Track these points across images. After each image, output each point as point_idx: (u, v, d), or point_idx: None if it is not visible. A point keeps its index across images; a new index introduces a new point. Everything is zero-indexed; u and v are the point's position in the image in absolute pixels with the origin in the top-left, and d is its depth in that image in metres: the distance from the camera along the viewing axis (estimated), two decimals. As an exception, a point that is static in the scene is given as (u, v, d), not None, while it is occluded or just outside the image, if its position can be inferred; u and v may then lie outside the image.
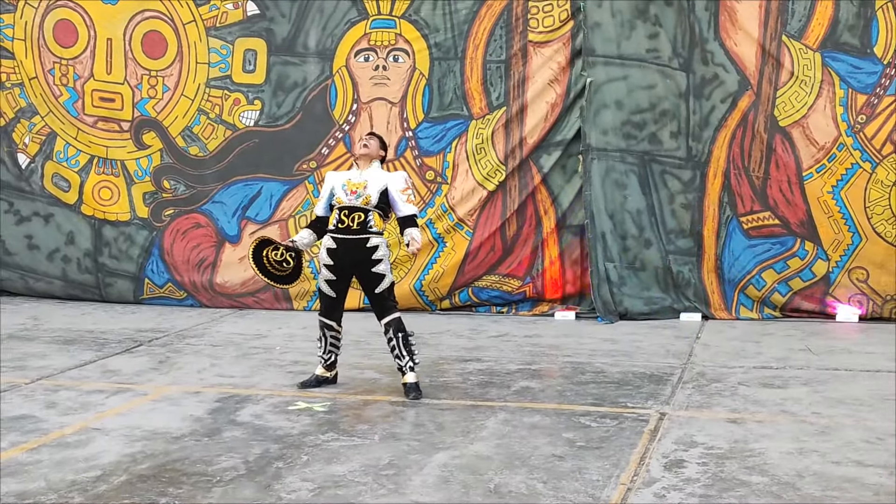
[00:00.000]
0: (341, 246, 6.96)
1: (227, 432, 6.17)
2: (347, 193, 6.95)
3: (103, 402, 6.88)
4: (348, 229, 6.94)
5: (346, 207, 6.95)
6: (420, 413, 6.56)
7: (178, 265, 10.53)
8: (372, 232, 6.95)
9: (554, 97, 9.80)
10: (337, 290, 7.11)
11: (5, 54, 10.71)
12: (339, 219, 6.97)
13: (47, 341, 8.89)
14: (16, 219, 10.92)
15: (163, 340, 8.92)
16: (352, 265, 7.01)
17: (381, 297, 7.04)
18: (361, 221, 6.93)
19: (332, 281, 7.07)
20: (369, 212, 6.93)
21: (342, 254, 6.97)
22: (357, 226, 6.92)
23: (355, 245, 6.94)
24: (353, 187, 6.95)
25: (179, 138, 10.45)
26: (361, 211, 6.93)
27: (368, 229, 6.94)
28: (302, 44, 10.16)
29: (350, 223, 6.93)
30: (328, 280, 7.07)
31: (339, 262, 6.99)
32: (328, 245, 7.01)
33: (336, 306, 7.16)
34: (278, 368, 7.83)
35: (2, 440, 6.02)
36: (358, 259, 6.97)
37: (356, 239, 6.94)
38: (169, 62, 10.39)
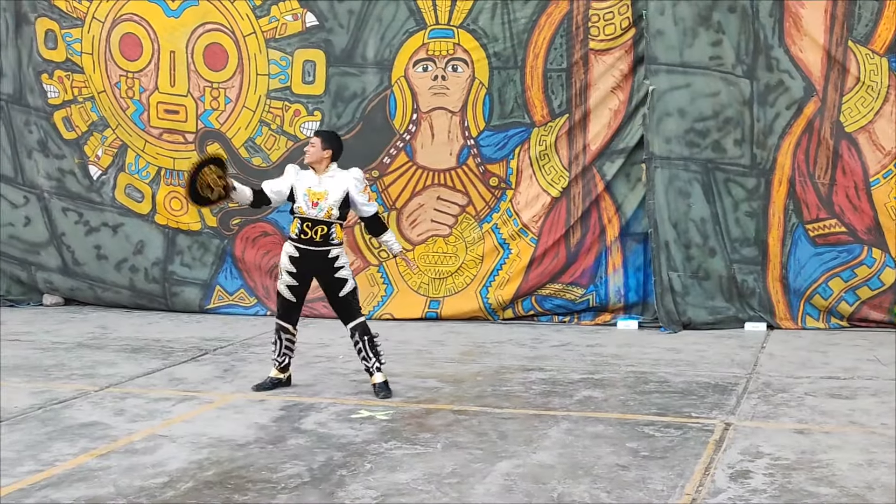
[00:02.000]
0: (303, 255, 7.22)
1: (292, 440, 6.22)
2: (309, 205, 7.15)
3: (170, 410, 6.99)
4: (311, 241, 7.19)
5: (309, 220, 7.17)
6: (482, 422, 6.56)
7: (252, 271, 10.67)
8: (333, 244, 7.21)
9: (616, 104, 9.76)
10: (297, 294, 7.34)
11: (76, 69, 10.90)
12: (301, 229, 7.20)
13: (115, 349, 9.04)
14: (85, 229, 11.11)
15: (228, 349, 9.03)
16: (314, 272, 7.29)
17: (345, 302, 7.30)
18: (324, 234, 7.18)
19: (293, 286, 7.29)
20: (332, 224, 7.18)
21: (304, 262, 7.23)
22: (320, 238, 7.19)
23: (317, 255, 7.21)
24: (315, 198, 7.16)
25: (242, 149, 10.56)
26: (324, 224, 7.16)
27: (331, 241, 7.20)
28: (360, 54, 10.21)
29: (313, 235, 7.18)
30: (289, 285, 7.29)
31: (301, 270, 7.25)
32: (290, 252, 7.25)
33: (294, 310, 7.40)
34: (341, 377, 7.88)
35: (72, 446, 6.14)
36: (320, 267, 7.25)
37: (318, 251, 7.20)
38: (230, 74, 10.49)
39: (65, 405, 7.12)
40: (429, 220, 10.19)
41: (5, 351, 8.99)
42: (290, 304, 7.36)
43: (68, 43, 10.88)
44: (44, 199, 11.17)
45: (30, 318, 10.65)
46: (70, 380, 7.87)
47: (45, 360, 8.57)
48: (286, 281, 7.28)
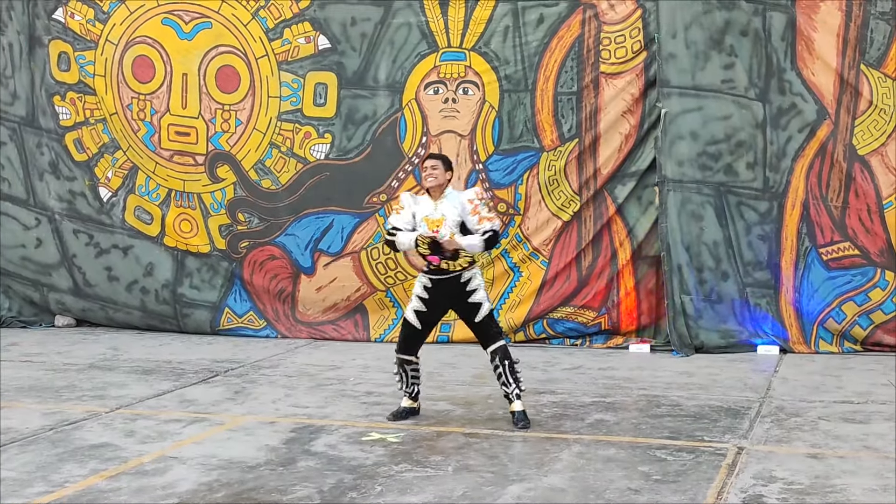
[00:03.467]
0: (436, 285, 6.98)
1: (302, 462, 6.20)
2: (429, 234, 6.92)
3: (180, 431, 6.98)
4: (439, 269, 6.94)
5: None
6: (493, 445, 6.54)
7: (261, 294, 10.64)
8: (462, 268, 6.94)
9: (627, 128, 9.74)
10: (424, 322, 7.09)
11: (88, 91, 10.94)
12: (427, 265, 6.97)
13: (126, 371, 9.04)
14: (96, 251, 11.12)
15: (238, 371, 9.01)
16: (448, 299, 7.03)
17: (483, 325, 7.01)
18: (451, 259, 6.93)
19: (421, 312, 7.04)
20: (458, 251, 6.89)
21: (437, 290, 6.98)
22: (446, 265, 6.93)
23: (449, 282, 6.96)
24: (433, 226, 6.89)
25: (252, 171, 10.55)
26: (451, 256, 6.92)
27: (458, 267, 6.93)
28: (372, 77, 10.21)
29: (440, 263, 6.92)
30: (418, 311, 7.04)
31: (433, 297, 7.01)
32: (424, 283, 7.02)
33: (418, 339, 7.13)
34: (352, 399, 7.86)
35: (82, 468, 6.13)
36: (454, 293, 6.98)
37: (448, 279, 6.95)
38: (242, 96, 10.50)
39: (75, 426, 7.12)
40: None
41: (17, 372, 9.01)
42: (414, 331, 7.07)
43: (81, 65, 10.92)
44: (55, 220, 11.19)
45: (42, 340, 10.67)
46: (81, 401, 7.87)
47: (56, 382, 8.58)
48: (415, 307, 7.03)
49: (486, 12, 9.88)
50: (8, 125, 11.25)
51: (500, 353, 6.97)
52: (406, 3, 10.03)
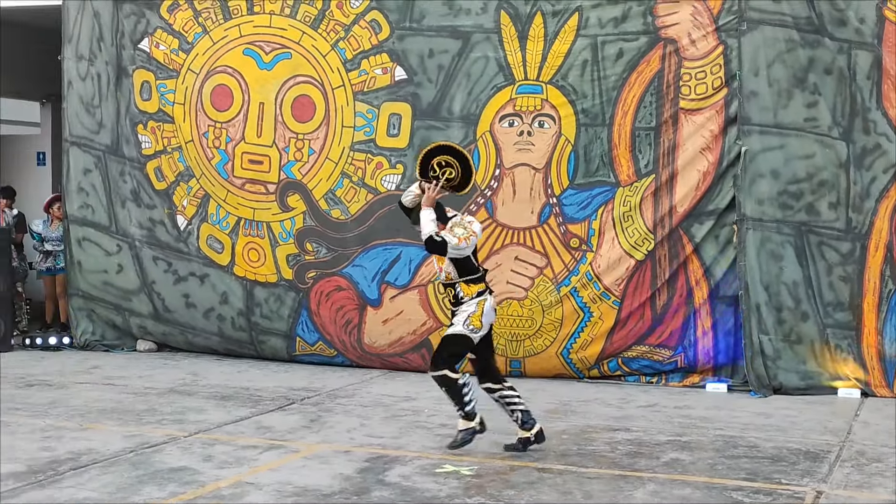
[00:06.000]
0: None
1: (376, 492, 6.21)
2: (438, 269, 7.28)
3: (257, 458, 7.03)
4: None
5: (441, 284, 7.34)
6: (567, 480, 6.49)
7: (327, 325, 10.64)
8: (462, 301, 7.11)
9: (706, 165, 9.63)
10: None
11: (167, 119, 11.11)
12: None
13: (205, 396, 9.15)
14: (174, 278, 11.27)
15: (314, 399, 9.07)
16: None
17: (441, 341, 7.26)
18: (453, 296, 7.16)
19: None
20: (455, 285, 7.12)
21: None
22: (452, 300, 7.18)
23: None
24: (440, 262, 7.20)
25: (322, 201, 10.57)
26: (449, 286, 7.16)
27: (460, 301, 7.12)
28: (447, 108, 10.20)
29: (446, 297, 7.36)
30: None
31: None
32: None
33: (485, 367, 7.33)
34: (426, 431, 7.86)
35: (161, 490, 6.21)
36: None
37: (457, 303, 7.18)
38: (316, 126, 10.54)
39: (155, 449, 7.22)
40: (505, 281, 9.98)
41: (100, 394, 9.18)
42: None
43: (162, 93, 11.11)
44: (135, 247, 11.36)
45: (124, 364, 10.85)
46: (161, 425, 7.99)
47: (137, 405, 8.72)
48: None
49: (565, 46, 9.86)
50: (94, 153, 11.49)
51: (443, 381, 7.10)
52: (484, 36, 10.06)
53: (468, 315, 7.03)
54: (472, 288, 7.09)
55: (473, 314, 7.04)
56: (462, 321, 7.04)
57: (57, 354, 11.36)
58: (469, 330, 7.04)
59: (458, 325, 7.05)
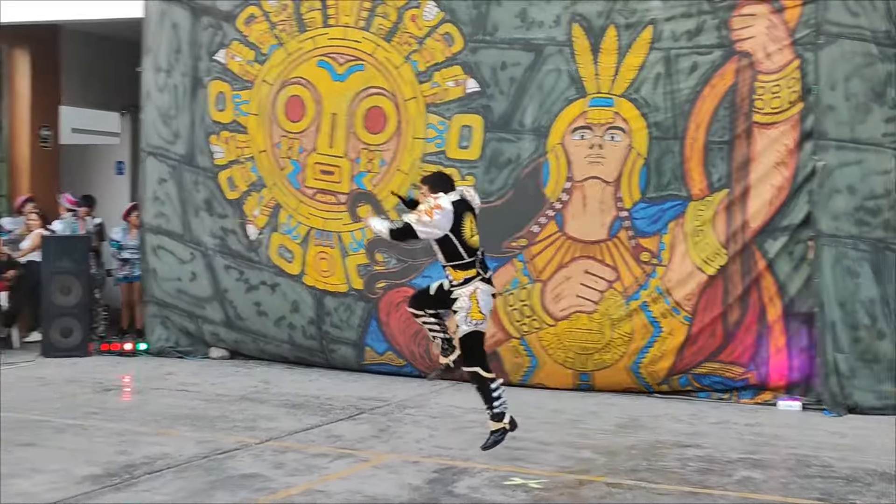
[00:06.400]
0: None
1: (445, 503, 6.21)
2: None
3: (327, 466, 7.09)
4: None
5: None
6: (637, 496, 6.45)
7: (396, 335, 10.68)
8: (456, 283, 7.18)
9: (780, 180, 9.49)
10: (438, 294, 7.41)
11: (240, 129, 11.26)
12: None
13: (276, 404, 9.24)
14: (245, 286, 11.41)
15: (384, 409, 9.11)
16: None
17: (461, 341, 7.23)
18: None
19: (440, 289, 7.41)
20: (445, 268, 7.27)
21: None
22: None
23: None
24: None
25: (392, 212, 10.58)
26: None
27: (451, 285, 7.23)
28: (518, 121, 10.19)
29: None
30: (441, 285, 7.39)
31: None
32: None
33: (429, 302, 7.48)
34: (495, 443, 7.85)
35: (233, 496, 6.29)
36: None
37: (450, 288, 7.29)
38: (387, 137, 10.61)
39: (227, 456, 7.31)
40: (574, 294, 9.94)
41: (174, 400, 9.33)
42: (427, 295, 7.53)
43: (236, 104, 11.27)
44: (208, 256, 11.52)
45: (197, 370, 11.00)
46: (233, 431, 8.09)
47: (210, 412, 8.84)
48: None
49: (638, 59, 9.80)
50: (169, 163, 11.70)
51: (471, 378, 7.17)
52: (557, 49, 10.04)
53: (466, 312, 7.05)
54: (460, 273, 7.13)
55: (470, 310, 7.05)
56: (464, 320, 7.06)
57: (132, 360, 11.57)
58: (474, 325, 7.08)
59: (462, 326, 7.07)
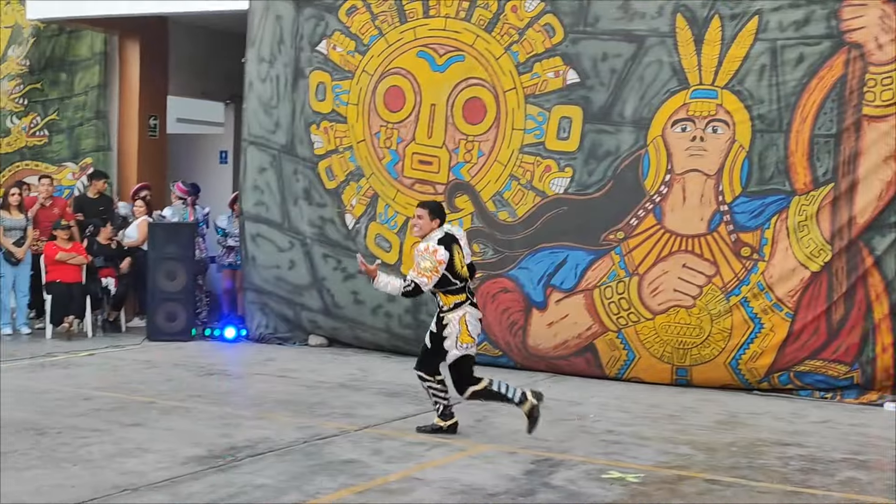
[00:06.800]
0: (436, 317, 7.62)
1: (542, 495, 6.22)
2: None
3: (423, 454, 7.15)
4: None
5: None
6: (737, 493, 6.36)
7: (493, 326, 10.66)
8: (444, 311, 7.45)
9: (889, 175, 9.23)
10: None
11: (339, 119, 11.39)
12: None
13: (374, 392, 9.35)
14: (343, 275, 11.54)
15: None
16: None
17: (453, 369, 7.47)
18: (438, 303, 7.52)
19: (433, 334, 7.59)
20: (435, 294, 7.46)
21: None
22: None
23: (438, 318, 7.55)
24: None
25: (490, 203, 10.62)
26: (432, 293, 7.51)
27: (441, 309, 7.47)
28: (618, 112, 10.08)
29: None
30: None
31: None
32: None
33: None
34: (591, 436, 7.82)
35: (333, 481, 6.38)
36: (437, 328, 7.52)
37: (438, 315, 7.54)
38: (486, 128, 10.60)
39: (327, 441, 7.42)
40: (671, 288, 9.82)
41: (274, 386, 9.50)
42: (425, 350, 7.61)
43: (336, 94, 11.40)
44: (306, 244, 11.68)
45: (296, 357, 11.18)
46: (332, 418, 8.20)
47: (309, 398, 8.97)
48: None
49: (743, 50, 9.63)
50: (269, 152, 11.89)
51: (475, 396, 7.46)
52: (659, 40, 9.93)
53: (456, 337, 7.37)
54: (450, 298, 7.42)
55: (459, 334, 7.37)
56: (454, 345, 7.37)
57: (233, 347, 11.80)
58: (464, 349, 7.41)
59: (452, 350, 7.38)
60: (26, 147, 14.86)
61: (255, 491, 6.12)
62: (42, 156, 14.79)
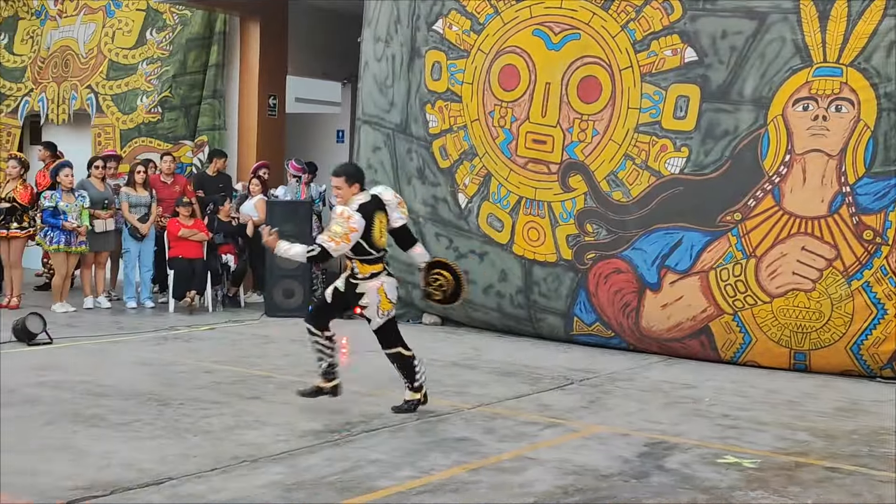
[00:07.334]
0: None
1: (655, 477, 6.18)
2: None
3: (537, 434, 7.16)
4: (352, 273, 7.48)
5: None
6: (857, 482, 6.21)
7: (605, 307, 10.61)
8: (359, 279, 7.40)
9: None
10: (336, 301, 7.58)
11: (454, 98, 11.40)
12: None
13: (486, 371, 9.38)
14: (455, 254, 11.54)
15: (593, 381, 9.09)
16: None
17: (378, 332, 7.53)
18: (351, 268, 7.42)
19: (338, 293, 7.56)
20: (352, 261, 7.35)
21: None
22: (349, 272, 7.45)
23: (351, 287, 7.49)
24: None
25: (604, 182, 10.49)
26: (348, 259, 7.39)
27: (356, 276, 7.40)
28: (737, 91, 9.84)
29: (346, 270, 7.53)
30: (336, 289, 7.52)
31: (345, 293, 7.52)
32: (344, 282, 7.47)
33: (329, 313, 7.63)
34: (707, 420, 7.72)
35: (446, 458, 6.45)
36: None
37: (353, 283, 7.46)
38: (601, 107, 10.46)
39: (440, 419, 7.50)
40: (790, 272, 9.57)
41: (389, 363, 9.52)
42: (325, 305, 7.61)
43: (452, 73, 11.41)
44: (419, 223, 11.72)
45: (410, 335, 10.88)
46: (445, 396, 8.26)
47: (423, 375, 9.06)
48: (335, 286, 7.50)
49: (870, 27, 9.29)
50: (383, 131, 12.00)
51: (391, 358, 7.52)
52: (782, 17, 9.64)
53: (376, 306, 7.37)
54: (367, 268, 7.34)
55: (380, 303, 7.37)
56: (376, 314, 7.39)
57: (349, 323, 11.92)
58: (386, 315, 7.45)
59: (375, 319, 7.40)
60: (143, 124, 15.30)
61: (370, 466, 6.22)
62: (155, 133, 15.20)
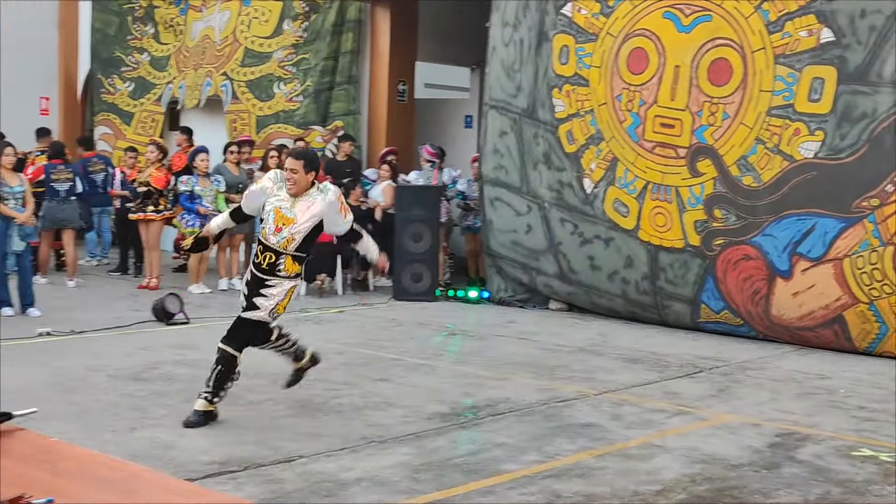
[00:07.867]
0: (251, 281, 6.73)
1: (787, 468, 6.06)
2: (272, 230, 6.63)
3: (664, 422, 7.09)
4: (259, 267, 6.68)
5: (264, 245, 6.66)
6: None
7: (733, 294, 10.40)
8: (280, 276, 6.63)
9: None
10: None
11: (581, 82, 11.31)
12: (255, 254, 6.75)
13: (613, 357, 9.33)
14: (580, 240, 11.51)
15: (723, 369, 8.95)
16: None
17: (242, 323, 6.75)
18: (271, 263, 6.63)
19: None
20: (282, 255, 6.62)
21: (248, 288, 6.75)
22: (266, 266, 6.65)
23: (256, 282, 6.69)
24: (280, 223, 6.62)
25: (734, 167, 10.24)
26: (274, 252, 6.62)
27: (277, 272, 6.63)
28: (876, 72, 9.48)
29: (262, 262, 6.66)
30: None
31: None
32: (246, 278, 6.82)
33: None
34: (842, 411, 7.52)
35: (572, 443, 6.44)
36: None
37: (261, 278, 6.67)
38: (732, 90, 10.23)
39: (566, 404, 7.49)
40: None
41: (515, 348, 9.65)
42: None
43: (579, 57, 11.31)
44: (544, 208, 11.71)
45: (538, 320, 11.31)
46: (571, 381, 8.25)
47: (549, 361, 9.06)
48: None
49: None
50: (510, 116, 11.99)
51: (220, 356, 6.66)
52: (924, -5, 9.32)
53: (276, 303, 6.69)
54: (296, 267, 6.74)
55: (280, 303, 6.72)
56: (269, 307, 6.69)
57: (475, 308, 12.06)
58: (272, 318, 6.77)
59: (262, 311, 6.69)
60: (283, 111, 15.62)
61: (496, 449, 6.26)
62: (291, 119, 15.51)
